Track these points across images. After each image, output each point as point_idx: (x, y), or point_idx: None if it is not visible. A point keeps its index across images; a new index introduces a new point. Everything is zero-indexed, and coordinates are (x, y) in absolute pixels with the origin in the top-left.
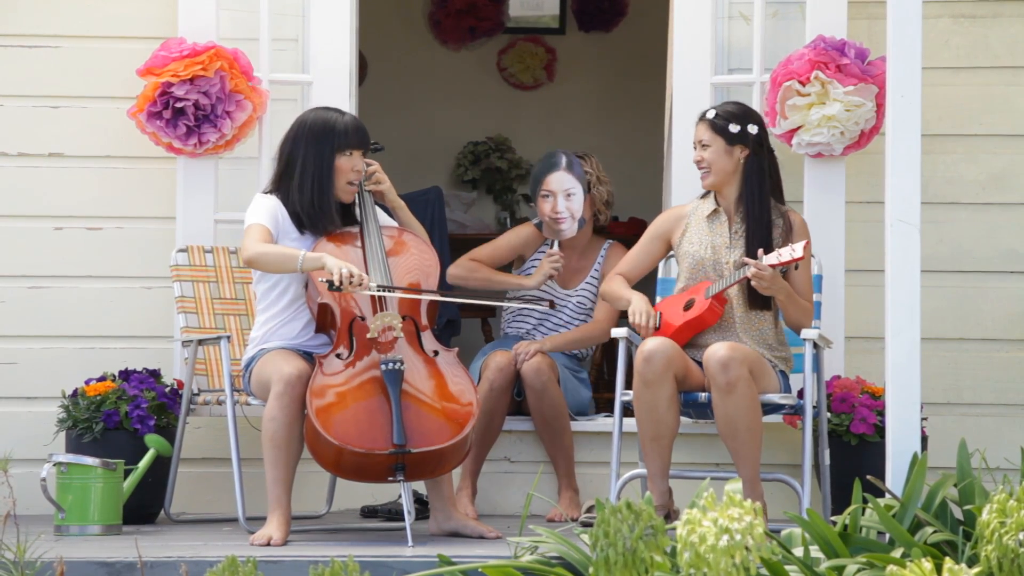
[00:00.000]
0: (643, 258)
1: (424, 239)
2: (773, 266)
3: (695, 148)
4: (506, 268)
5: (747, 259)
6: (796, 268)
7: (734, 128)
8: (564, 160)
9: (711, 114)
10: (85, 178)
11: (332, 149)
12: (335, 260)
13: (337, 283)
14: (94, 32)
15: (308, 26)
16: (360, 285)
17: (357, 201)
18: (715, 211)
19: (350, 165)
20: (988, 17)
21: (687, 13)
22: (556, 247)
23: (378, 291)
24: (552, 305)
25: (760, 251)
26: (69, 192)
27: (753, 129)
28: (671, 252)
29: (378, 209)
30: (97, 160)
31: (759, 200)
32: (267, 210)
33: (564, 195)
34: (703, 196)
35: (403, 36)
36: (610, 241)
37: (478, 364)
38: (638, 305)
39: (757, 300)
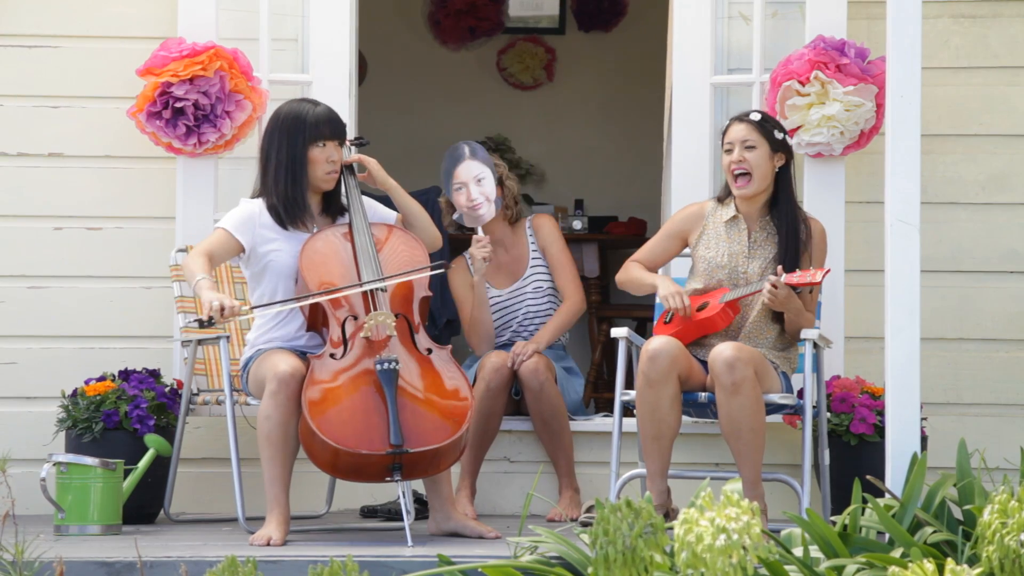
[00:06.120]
0: (659, 253)
1: (416, 235)
2: (794, 285)
3: (733, 148)
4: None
5: (774, 276)
6: (811, 292)
7: (779, 135)
8: (467, 150)
9: (756, 116)
10: (85, 178)
11: (304, 141)
12: (209, 295)
13: (207, 318)
14: (94, 32)
15: (308, 26)
16: (233, 312)
17: (344, 193)
18: (734, 218)
19: (324, 156)
20: (988, 17)
21: (687, 13)
22: (480, 232)
23: (251, 313)
24: (446, 267)
25: (780, 268)
26: (69, 192)
27: (785, 137)
28: (686, 249)
29: (374, 203)
30: (97, 160)
31: (793, 210)
32: (240, 216)
33: (475, 182)
34: (721, 199)
35: (403, 36)
36: (530, 216)
37: (471, 368)
38: (667, 289)
39: (777, 313)
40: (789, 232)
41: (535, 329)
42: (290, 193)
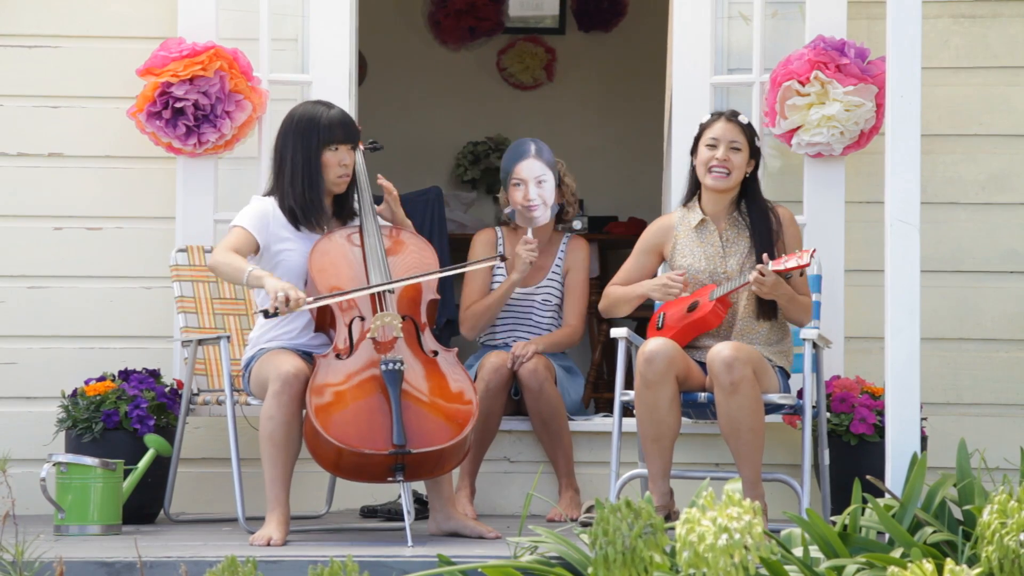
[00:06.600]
0: (637, 271)
1: (424, 239)
2: (779, 272)
3: (718, 146)
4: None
5: (760, 266)
6: (801, 275)
7: (757, 142)
8: (533, 148)
9: (744, 119)
10: (85, 178)
11: (318, 144)
12: (274, 283)
13: (272, 310)
14: (94, 32)
15: (308, 26)
16: (297, 304)
17: (356, 198)
18: (702, 221)
19: (337, 159)
20: (988, 17)
21: (687, 13)
22: (530, 234)
23: (314, 303)
24: (503, 258)
25: (764, 256)
26: (69, 192)
27: (759, 145)
28: (665, 262)
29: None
30: (97, 160)
31: (761, 202)
32: (255, 214)
33: (535, 182)
34: (686, 204)
35: (403, 36)
36: (569, 234)
37: (471, 368)
38: (655, 287)
39: (765, 310)
40: (762, 223)
41: (531, 335)
42: (308, 196)
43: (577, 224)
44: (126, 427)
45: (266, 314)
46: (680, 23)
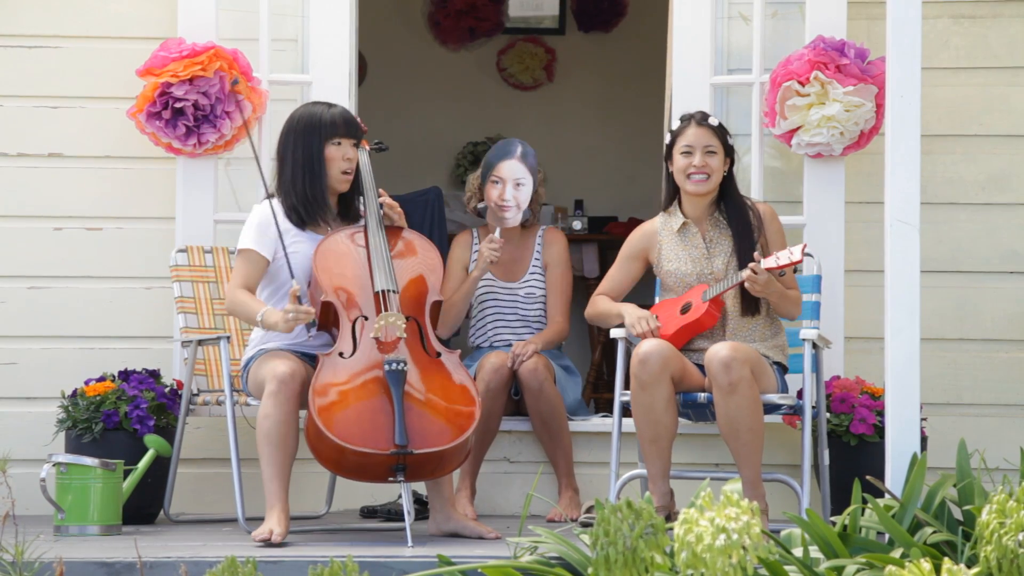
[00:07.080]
0: (623, 277)
1: (429, 241)
2: (771, 270)
3: (693, 152)
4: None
5: (752, 264)
6: (796, 271)
7: (730, 140)
8: (519, 149)
9: (715, 121)
10: (85, 178)
11: (320, 139)
12: (278, 317)
13: (313, 322)
14: (94, 32)
15: (308, 26)
16: (299, 306)
17: (363, 200)
18: (684, 224)
19: (340, 154)
20: (988, 17)
21: (686, 13)
22: (497, 234)
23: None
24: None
25: (756, 254)
26: (69, 192)
27: (732, 143)
28: (652, 267)
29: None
30: (97, 160)
31: (739, 200)
32: (255, 227)
33: (513, 184)
34: (666, 208)
35: (403, 36)
36: (544, 226)
37: (468, 369)
38: (632, 316)
39: (749, 305)
40: (740, 221)
41: (522, 329)
42: (309, 192)
43: (577, 224)
44: (126, 427)
45: (311, 328)
46: (680, 23)
